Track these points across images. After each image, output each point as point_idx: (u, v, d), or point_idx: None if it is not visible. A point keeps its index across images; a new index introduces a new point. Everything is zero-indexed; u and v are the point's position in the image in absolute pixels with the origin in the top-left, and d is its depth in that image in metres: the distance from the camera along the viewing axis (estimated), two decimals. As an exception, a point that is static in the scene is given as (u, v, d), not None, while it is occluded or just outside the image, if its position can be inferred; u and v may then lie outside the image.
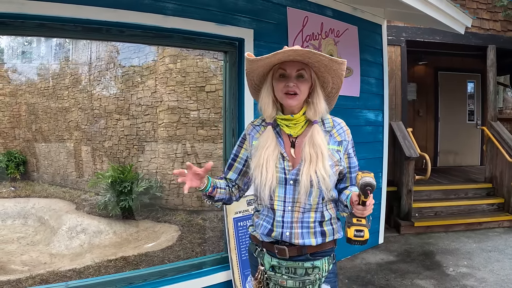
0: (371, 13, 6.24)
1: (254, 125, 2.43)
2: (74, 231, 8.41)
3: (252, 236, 2.45)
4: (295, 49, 2.04)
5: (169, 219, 8.71)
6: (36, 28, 3.44)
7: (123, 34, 3.89)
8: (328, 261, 2.27)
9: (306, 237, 2.19)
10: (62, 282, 3.96)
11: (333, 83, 2.28)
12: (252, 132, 2.40)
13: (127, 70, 10.18)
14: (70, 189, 11.59)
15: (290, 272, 2.23)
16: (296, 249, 2.20)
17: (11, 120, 13.57)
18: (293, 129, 2.25)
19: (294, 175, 2.16)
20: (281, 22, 5.02)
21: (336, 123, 2.33)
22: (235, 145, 2.51)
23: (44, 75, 13.03)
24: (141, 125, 9.69)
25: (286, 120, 2.25)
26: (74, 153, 11.82)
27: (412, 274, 5.45)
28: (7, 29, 3.40)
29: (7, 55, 19.19)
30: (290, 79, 2.17)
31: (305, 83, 2.19)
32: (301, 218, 2.19)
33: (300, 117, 2.23)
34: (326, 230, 2.24)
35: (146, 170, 9.55)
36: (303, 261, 2.21)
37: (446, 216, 7.72)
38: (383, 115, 6.52)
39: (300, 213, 2.18)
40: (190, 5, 4.16)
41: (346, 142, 2.29)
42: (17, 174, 12.83)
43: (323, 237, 2.23)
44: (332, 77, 2.24)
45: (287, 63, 2.18)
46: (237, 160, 2.47)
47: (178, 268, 4.26)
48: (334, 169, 2.19)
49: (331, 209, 2.29)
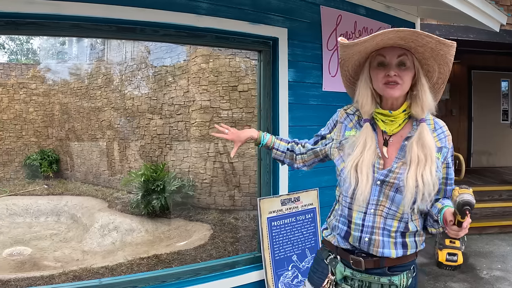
0: (405, 11, 6.15)
1: (347, 113, 2.17)
2: (106, 229, 8.54)
3: (325, 241, 2.22)
4: (397, 30, 1.78)
5: (201, 218, 8.76)
6: (71, 28, 3.45)
7: (157, 34, 3.89)
8: (407, 275, 2.01)
9: (386, 246, 1.93)
10: (95, 279, 3.99)
11: (439, 72, 1.99)
12: (345, 121, 2.15)
13: (159, 70, 10.29)
14: (102, 188, 11.79)
15: (364, 285, 2.01)
16: (374, 261, 1.96)
17: (45, 120, 13.82)
18: (389, 126, 1.99)
19: (383, 176, 1.93)
20: (315, 21, 4.97)
21: (438, 125, 2.01)
22: (325, 125, 2.33)
23: (77, 75, 13.25)
24: (173, 124, 9.77)
25: (383, 116, 1.99)
26: (106, 152, 11.97)
27: (445, 277, 5.38)
28: (43, 30, 3.43)
29: (40, 56, 19.56)
30: (390, 67, 1.89)
31: (408, 72, 1.91)
32: (383, 224, 1.94)
33: (399, 114, 1.96)
34: (408, 242, 1.97)
35: (179, 169, 9.62)
36: (379, 275, 1.98)
37: (479, 218, 7.58)
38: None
39: (382, 217, 1.94)
40: (223, 4, 4.14)
41: (446, 150, 1.98)
42: (50, 172, 13.06)
43: (404, 249, 1.96)
44: (438, 64, 1.94)
45: (386, 49, 1.92)
46: (320, 141, 2.31)
47: (211, 267, 4.21)
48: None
49: (417, 220, 1.99)
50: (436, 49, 1.85)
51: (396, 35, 1.80)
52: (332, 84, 4.75)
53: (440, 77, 2.01)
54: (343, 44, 1.92)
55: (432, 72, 1.98)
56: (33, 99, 13.82)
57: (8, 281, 5.97)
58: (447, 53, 1.87)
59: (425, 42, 1.82)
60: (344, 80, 2.19)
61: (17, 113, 13.63)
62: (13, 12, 3.09)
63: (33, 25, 3.26)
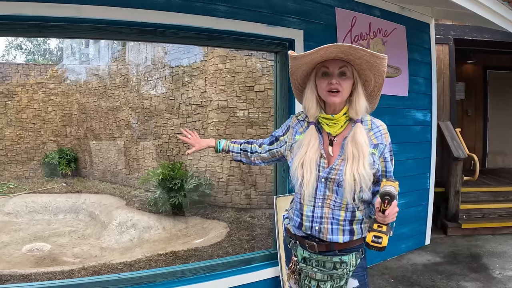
0: (419, 12, 6.18)
1: (298, 119, 2.49)
2: (124, 226, 8.64)
3: (287, 228, 2.56)
4: (337, 45, 2.08)
5: (217, 216, 8.83)
6: (93, 31, 3.56)
7: (176, 36, 3.98)
8: (355, 256, 2.33)
9: (335, 233, 2.26)
10: (115, 274, 4.07)
11: (375, 81, 2.30)
12: (296, 127, 2.47)
13: (177, 70, 10.36)
14: (120, 186, 11.93)
15: (320, 265, 2.32)
16: (325, 245, 2.29)
17: (63, 119, 13.98)
18: (333, 128, 2.29)
19: (326, 174, 2.24)
20: (330, 23, 5.04)
21: (375, 125, 2.31)
22: (279, 127, 2.66)
23: (95, 75, 13.37)
24: (191, 124, 9.84)
25: (327, 119, 2.29)
26: (124, 150, 12.07)
27: (458, 276, 5.39)
28: (65, 33, 3.54)
29: (58, 56, 19.78)
30: (333, 76, 2.21)
31: (348, 81, 2.22)
32: (331, 215, 2.25)
33: (340, 117, 2.27)
34: (355, 229, 2.29)
35: (196, 168, 9.69)
36: (331, 256, 2.29)
37: (494, 218, 7.55)
38: (431, 115, 6.46)
39: (330, 209, 2.25)
40: (241, 7, 4.22)
41: (383, 146, 2.28)
42: (68, 171, 13.22)
43: (351, 235, 2.28)
44: (374, 74, 2.26)
45: (329, 61, 2.22)
46: (275, 142, 2.63)
47: (228, 263, 4.32)
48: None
49: (362, 210, 2.30)
50: (370, 61, 2.17)
51: (337, 49, 2.10)
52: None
53: (376, 86, 2.34)
54: (292, 56, 2.25)
55: (369, 81, 2.31)
56: (51, 98, 14.00)
57: (29, 275, 6.06)
58: (380, 64, 2.18)
59: (360, 55, 2.14)
60: (293, 88, 2.52)
61: (36, 112, 13.82)
62: (36, 15, 3.21)
63: (55, 28, 3.38)
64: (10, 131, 13.58)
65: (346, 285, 2.34)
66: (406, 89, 6.00)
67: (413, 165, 6.09)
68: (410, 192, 6.07)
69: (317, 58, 2.20)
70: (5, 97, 13.50)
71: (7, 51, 19.62)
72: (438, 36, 7.87)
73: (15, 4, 3.12)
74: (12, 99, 13.57)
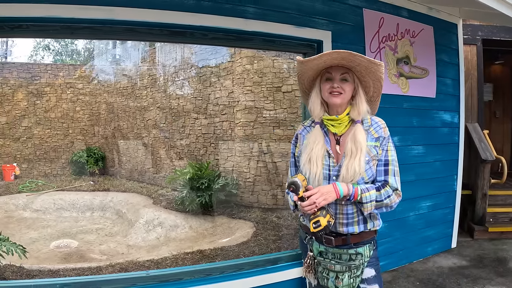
0: (447, 13, 6.13)
1: (304, 126, 2.72)
2: (151, 224, 8.75)
3: (302, 225, 2.76)
4: (338, 51, 2.34)
5: (244, 216, 8.85)
6: (125, 32, 3.62)
7: (206, 38, 4.01)
8: (369, 247, 2.56)
9: (350, 225, 2.49)
10: (143, 271, 4.11)
11: (374, 86, 2.55)
12: (303, 132, 2.69)
13: (204, 71, 10.43)
14: (147, 185, 12.07)
15: (336, 257, 2.52)
16: (342, 239, 2.50)
17: (91, 118, 14.19)
18: (338, 128, 2.51)
19: (336, 171, 2.45)
20: (358, 24, 5.04)
21: (374, 121, 2.55)
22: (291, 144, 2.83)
23: (123, 75, 13.51)
24: (218, 124, 9.92)
25: (331, 120, 2.51)
26: (151, 150, 12.18)
27: (484, 280, 5.33)
28: (97, 34, 3.60)
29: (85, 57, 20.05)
30: (335, 81, 2.46)
31: (349, 85, 2.47)
32: (345, 210, 2.47)
33: (344, 117, 2.50)
34: (366, 218, 2.52)
35: (223, 168, 9.76)
36: (347, 249, 2.50)
37: (522, 221, 7.49)
38: (459, 116, 6.40)
39: (344, 206, 2.46)
40: (270, 9, 4.24)
41: (382, 138, 2.50)
42: (96, 169, 13.43)
43: (365, 223, 2.52)
44: (372, 80, 2.51)
45: (333, 68, 2.48)
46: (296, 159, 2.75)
47: (254, 262, 4.32)
48: (371, 163, 2.45)
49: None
50: (368, 67, 2.42)
51: (338, 55, 2.36)
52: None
53: (375, 91, 2.59)
54: (299, 61, 2.52)
55: (369, 87, 2.56)
56: (80, 98, 14.23)
57: (57, 271, 6.14)
58: (377, 70, 2.44)
59: (359, 61, 2.39)
60: (301, 91, 2.82)
61: (65, 112, 14.06)
62: (69, 17, 3.26)
63: (87, 29, 3.44)
64: (38, 130, 13.82)
65: (362, 274, 2.56)
66: (434, 90, 5.97)
67: (440, 167, 6.05)
68: (437, 194, 6.03)
69: (321, 64, 2.46)
70: (34, 97, 13.74)
71: (35, 51, 19.99)
72: (466, 36, 7.79)
73: (47, 6, 3.17)
74: (41, 98, 13.81)
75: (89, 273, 6.09)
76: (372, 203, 2.42)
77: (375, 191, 2.43)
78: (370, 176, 2.46)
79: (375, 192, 2.43)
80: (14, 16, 3.12)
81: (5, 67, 13.83)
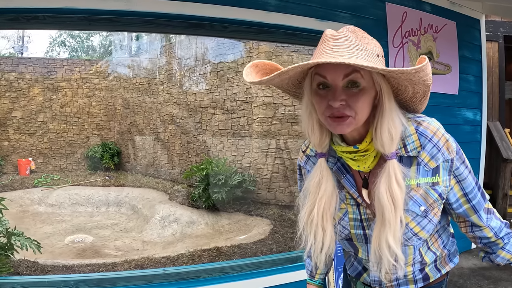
0: (469, 8, 6.02)
1: (307, 156, 1.65)
2: (167, 220, 8.72)
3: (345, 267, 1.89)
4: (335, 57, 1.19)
5: (261, 213, 8.78)
6: (143, 24, 3.55)
7: (226, 30, 3.95)
8: None
9: (403, 285, 1.56)
10: (159, 268, 4.07)
11: (414, 91, 1.36)
12: (307, 166, 1.64)
13: (222, 66, 10.37)
14: (163, 180, 12.04)
15: None
16: None
17: (107, 114, 14.22)
18: (362, 162, 1.41)
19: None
20: (380, 18, 4.96)
21: (425, 139, 1.39)
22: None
23: (139, 70, 13.51)
24: (235, 120, 9.84)
25: (349, 153, 1.40)
26: (168, 145, 12.16)
27: (505, 282, 5.25)
28: (115, 26, 3.55)
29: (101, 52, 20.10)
30: (336, 91, 1.24)
31: (364, 95, 1.26)
32: (394, 278, 1.54)
33: (368, 146, 1.37)
34: (429, 273, 1.60)
35: (240, 164, 9.69)
36: None
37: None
38: (481, 114, 6.29)
39: (390, 274, 1.47)
40: (292, 1, 4.18)
41: (448, 163, 1.40)
42: (111, 164, 13.44)
43: (426, 281, 1.60)
44: (412, 87, 1.33)
45: (328, 68, 1.24)
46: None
47: (273, 260, 4.27)
48: (430, 214, 1.42)
49: (435, 243, 1.61)
50: (408, 78, 1.27)
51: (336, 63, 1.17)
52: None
53: (418, 92, 1.38)
54: (254, 83, 1.38)
55: (403, 90, 1.37)
56: (95, 93, 14.27)
57: (72, 267, 6.14)
58: (424, 76, 1.27)
59: (390, 75, 1.27)
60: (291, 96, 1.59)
61: (80, 107, 14.10)
62: (86, 8, 3.20)
63: (105, 20, 3.38)
64: (54, 125, 13.87)
65: None
66: (456, 87, 5.86)
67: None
68: (459, 194, 5.93)
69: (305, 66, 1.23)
70: (50, 92, 13.79)
71: (50, 47, 20.08)
72: (488, 33, 7.64)
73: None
74: (57, 93, 13.86)
75: (104, 269, 6.10)
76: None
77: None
78: (431, 231, 1.47)
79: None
80: (30, 7, 3.05)
81: (21, 62, 13.86)
